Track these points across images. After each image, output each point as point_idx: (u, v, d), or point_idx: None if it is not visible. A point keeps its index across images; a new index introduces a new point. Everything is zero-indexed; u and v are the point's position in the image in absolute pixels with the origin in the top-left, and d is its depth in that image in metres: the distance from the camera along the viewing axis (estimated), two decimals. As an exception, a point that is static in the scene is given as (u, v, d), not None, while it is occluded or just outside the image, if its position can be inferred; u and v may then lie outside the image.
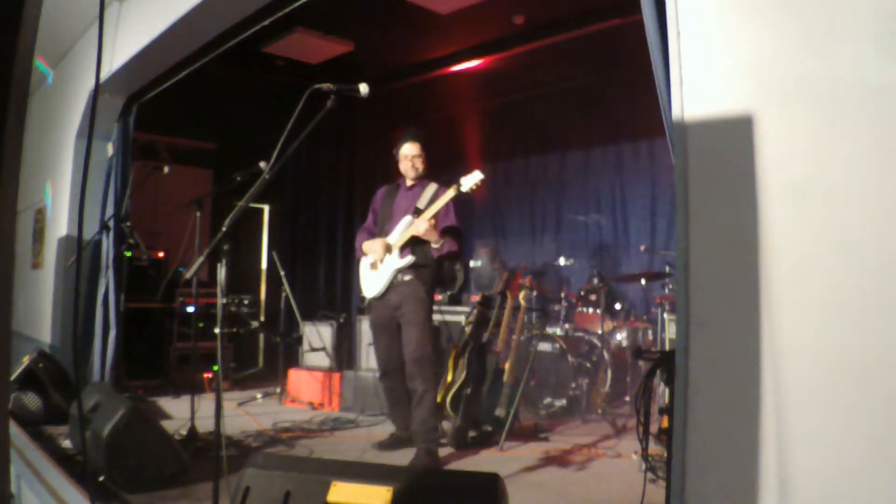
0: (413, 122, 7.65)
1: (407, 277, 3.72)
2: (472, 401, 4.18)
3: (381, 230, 3.91)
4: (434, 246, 3.68)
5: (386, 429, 4.48)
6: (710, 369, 1.65)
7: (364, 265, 3.91)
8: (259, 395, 5.55)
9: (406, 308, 3.70)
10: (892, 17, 1.39)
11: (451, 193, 3.62)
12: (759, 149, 1.58)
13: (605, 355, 5.12)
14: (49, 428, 4.08)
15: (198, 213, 4.01)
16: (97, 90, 2.54)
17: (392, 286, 3.75)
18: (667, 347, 4.62)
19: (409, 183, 3.95)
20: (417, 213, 3.75)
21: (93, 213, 5.09)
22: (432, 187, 3.89)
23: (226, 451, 2.45)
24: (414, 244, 3.73)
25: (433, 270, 3.78)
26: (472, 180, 3.59)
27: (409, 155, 3.90)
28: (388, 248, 3.75)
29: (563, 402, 4.92)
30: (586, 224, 6.69)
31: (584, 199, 6.79)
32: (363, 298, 3.97)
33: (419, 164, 3.90)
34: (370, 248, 3.83)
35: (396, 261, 3.72)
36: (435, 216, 3.66)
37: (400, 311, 3.73)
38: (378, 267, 3.79)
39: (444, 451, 3.93)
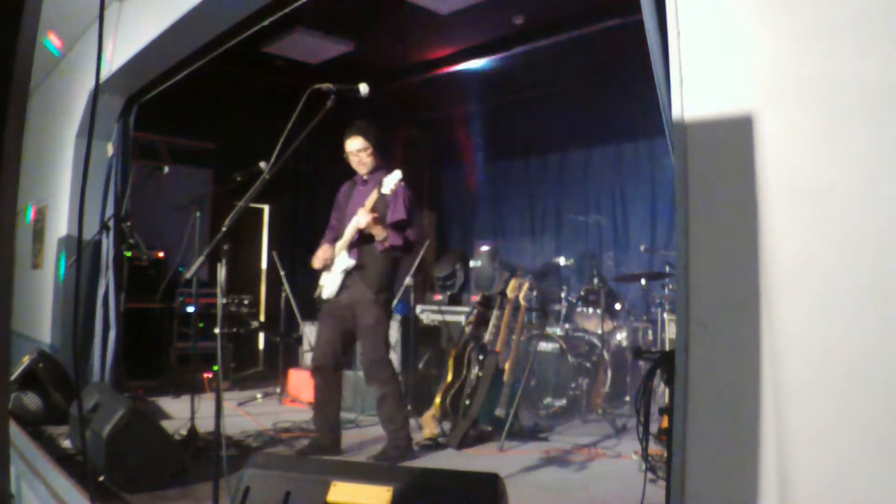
0: (415, 122, 7.69)
1: (356, 279, 3.72)
2: (472, 401, 4.18)
3: (341, 229, 3.86)
4: (378, 239, 3.64)
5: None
6: (710, 369, 1.65)
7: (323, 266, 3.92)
8: (259, 395, 5.55)
9: (357, 311, 3.70)
10: (891, 17, 1.39)
11: (374, 196, 3.60)
12: (759, 149, 1.58)
13: (605, 355, 5.12)
14: (49, 428, 4.08)
15: (198, 213, 4.01)
16: (97, 90, 2.54)
17: (343, 287, 3.75)
18: (667, 347, 4.62)
19: (364, 176, 3.87)
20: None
21: (93, 213, 5.09)
22: (387, 178, 3.75)
23: (226, 451, 2.45)
24: (360, 244, 3.71)
25: (382, 270, 3.72)
26: (392, 180, 3.56)
27: (353, 150, 3.78)
28: (332, 253, 3.78)
29: (563, 402, 4.92)
30: (586, 224, 6.69)
31: (584, 199, 6.80)
32: (321, 299, 3.92)
33: (366, 159, 3.78)
34: (317, 258, 3.84)
35: (344, 261, 3.72)
36: (375, 209, 3.62)
37: (351, 314, 3.73)
38: (331, 268, 3.80)
39: (444, 451, 3.94)
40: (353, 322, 3.73)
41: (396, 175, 3.56)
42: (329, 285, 3.79)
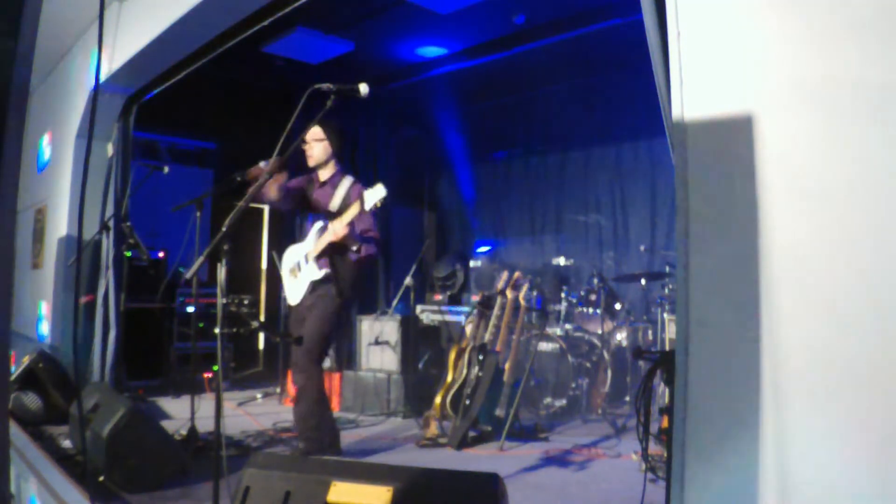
0: (415, 122, 7.70)
1: (322, 285, 3.67)
2: (472, 401, 4.18)
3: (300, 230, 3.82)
4: (353, 249, 3.61)
5: (386, 428, 4.49)
6: (710, 369, 1.65)
7: (285, 271, 3.86)
8: (259, 395, 5.55)
9: (314, 305, 3.66)
10: (892, 17, 1.39)
11: (354, 210, 3.44)
12: (759, 149, 1.58)
13: (605, 355, 5.12)
14: (49, 428, 4.08)
15: (198, 213, 4.01)
16: (97, 90, 2.54)
17: (309, 293, 3.71)
18: (667, 347, 4.62)
19: (321, 178, 3.82)
20: (329, 216, 3.65)
21: (93, 213, 5.09)
22: (344, 186, 3.74)
23: (226, 451, 2.45)
24: (331, 252, 3.65)
25: (353, 278, 3.72)
26: (375, 196, 3.26)
27: (307, 139, 3.72)
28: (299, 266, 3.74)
29: (563, 402, 4.92)
30: (586, 224, 6.69)
31: (584, 199, 6.80)
32: (288, 305, 3.88)
33: (313, 152, 3.75)
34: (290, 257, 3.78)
35: (314, 272, 3.66)
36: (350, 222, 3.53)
37: (309, 310, 3.70)
38: (297, 275, 3.76)
39: (444, 451, 3.94)
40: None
41: (380, 192, 3.26)
42: (296, 292, 3.75)
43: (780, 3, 1.60)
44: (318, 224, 3.68)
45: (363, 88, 2.86)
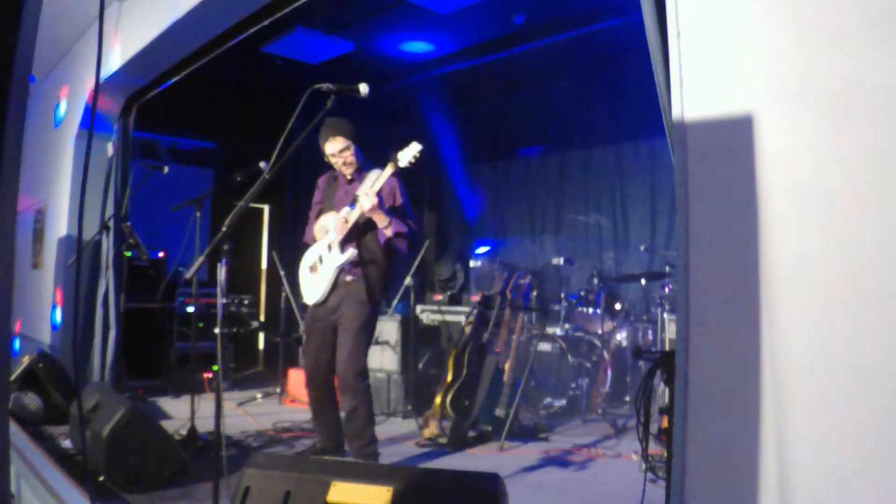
0: (415, 122, 7.70)
1: (349, 278, 3.35)
2: (472, 401, 4.18)
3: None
4: (381, 227, 3.29)
5: (385, 429, 4.49)
6: (710, 369, 1.65)
7: (303, 269, 3.52)
8: (259, 395, 5.55)
9: (343, 310, 3.33)
10: (891, 16, 1.39)
11: (388, 171, 3.24)
12: (759, 149, 1.58)
13: (605, 355, 5.12)
14: (49, 428, 4.08)
15: (198, 213, 4.01)
16: (97, 90, 2.54)
17: (334, 288, 3.36)
18: (667, 347, 4.62)
19: (348, 177, 3.52)
20: (356, 202, 3.32)
21: (93, 213, 5.09)
22: (374, 174, 3.44)
23: (226, 451, 2.45)
24: (358, 236, 3.34)
25: (383, 268, 3.40)
26: (409, 153, 3.21)
27: (336, 152, 3.41)
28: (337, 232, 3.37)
29: (563, 402, 4.92)
30: (586, 224, 6.69)
31: (584, 199, 6.80)
32: (305, 307, 3.55)
33: (351, 158, 3.43)
34: (321, 230, 3.44)
35: (338, 257, 3.32)
36: (378, 194, 3.26)
37: (337, 314, 3.35)
38: (318, 269, 3.43)
39: (444, 451, 3.94)
40: (337, 323, 3.37)
41: (415, 148, 3.21)
42: (316, 288, 3.40)
43: (780, 2, 1.59)
44: (345, 210, 3.37)
45: (363, 88, 2.86)
